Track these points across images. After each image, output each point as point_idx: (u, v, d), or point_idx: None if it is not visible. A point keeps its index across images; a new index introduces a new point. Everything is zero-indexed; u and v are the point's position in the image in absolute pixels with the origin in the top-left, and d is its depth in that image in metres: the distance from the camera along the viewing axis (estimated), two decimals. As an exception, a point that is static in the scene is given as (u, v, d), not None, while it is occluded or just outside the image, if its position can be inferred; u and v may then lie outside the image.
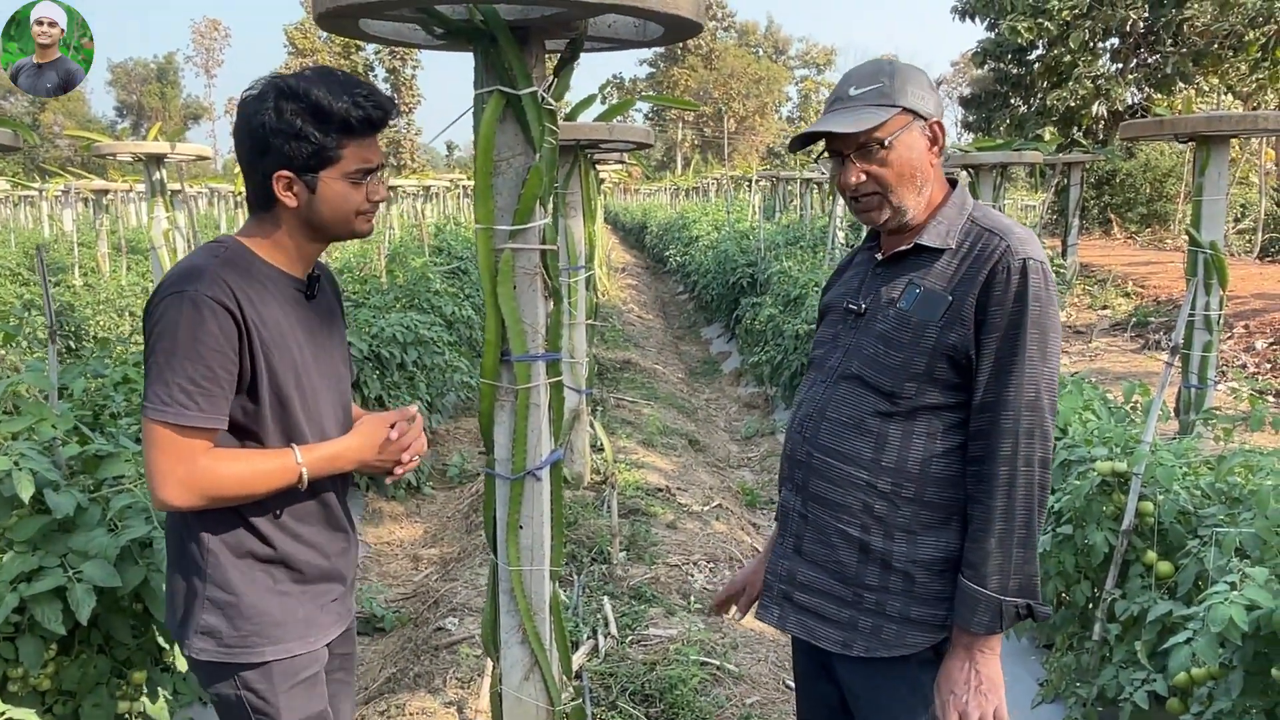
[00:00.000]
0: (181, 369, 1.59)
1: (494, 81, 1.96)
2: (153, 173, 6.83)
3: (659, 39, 2.09)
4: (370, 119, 1.70)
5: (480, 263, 2.05)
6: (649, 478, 5.58)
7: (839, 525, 1.79)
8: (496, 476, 2.17)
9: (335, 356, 1.88)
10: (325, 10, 1.78)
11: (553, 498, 2.22)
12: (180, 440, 1.61)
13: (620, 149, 5.62)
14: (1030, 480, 1.67)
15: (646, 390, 8.17)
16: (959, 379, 1.72)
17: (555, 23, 1.94)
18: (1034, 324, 1.66)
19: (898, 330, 1.75)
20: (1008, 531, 1.67)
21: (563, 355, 5.44)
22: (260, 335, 1.67)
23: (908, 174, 1.75)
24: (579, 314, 5.19)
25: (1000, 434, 1.67)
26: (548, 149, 2.00)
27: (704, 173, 28.68)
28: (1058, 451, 3.40)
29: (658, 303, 15.79)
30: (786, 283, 8.69)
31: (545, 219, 2.10)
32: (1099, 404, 3.82)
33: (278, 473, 1.69)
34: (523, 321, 2.07)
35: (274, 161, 1.67)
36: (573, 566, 4.25)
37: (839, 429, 1.80)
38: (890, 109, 1.72)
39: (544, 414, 2.15)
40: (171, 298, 1.61)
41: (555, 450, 2.22)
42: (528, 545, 2.17)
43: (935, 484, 1.74)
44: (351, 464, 1.80)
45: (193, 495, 1.63)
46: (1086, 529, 2.99)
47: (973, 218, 1.78)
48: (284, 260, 1.76)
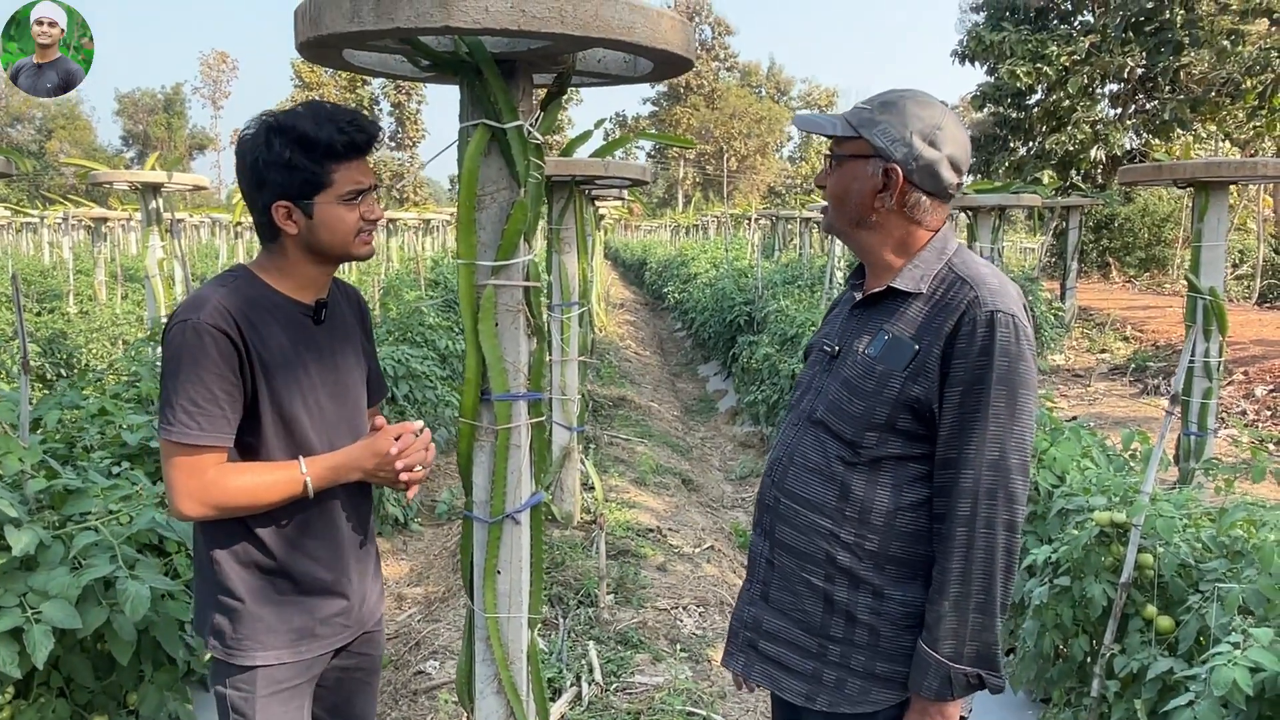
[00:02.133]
0: (184, 391, 1.71)
1: (479, 114, 1.92)
2: (149, 201, 6.81)
3: (649, 74, 2.05)
4: (354, 143, 1.80)
5: (461, 299, 2.00)
6: (640, 518, 5.49)
7: (803, 574, 1.74)
8: (474, 519, 2.10)
9: (348, 376, 1.96)
10: (306, 40, 1.75)
11: (533, 542, 2.15)
12: (189, 457, 1.73)
13: (617, 185, 5.60)
14: (991, 544, 1.60)
15: (641, 428, 8.09)
16: (924, 430, 1.66)
17: (542, 56, 1.90)
18: (1000, 380, 1.59)
19: (862, 378, 1.69)
20: (964, 596, 1.60)
21: (555, 393, 5.37)
22: (262, 358, 1.77)
23: (839, 198, 1.74)
24: (572, 350, 5.14)
25: (960, 493, 1.60)
26: (533, 184, 1.96)
27: (704, 210, 28.82)
28: (1055, 500, 3.33)
29: (655, 339, 15.75)
30: (783, 322, 8.65)
31: (530, 255, 2.05)
32: (1097, 451, 3.76)
33: (284, 483, 1.79)
34: (504, 360, 2.02)
35: (271, 193, 1.79)
36: (558, 609, 4.15)
37: (805, 475, 1.75)
38: (851, 130, 1.71)
39: (525, 455, 2.09)
40: (178, 326, 1.73)
41: (536, 493, 2.15)
42: (505, 591, 2.09)
43: (901, 538, 1.68)
44: (354, 473, 1.87)
45: (204, 507, 1.74)
46: (1084, 581, 2.91)
47: (951, 264, 1.70)
48: (291, 286, 1.87)
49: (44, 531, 2.26)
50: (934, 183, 1.69)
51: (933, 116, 1.69)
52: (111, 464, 2.79)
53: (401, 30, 1.65)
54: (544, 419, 2.17)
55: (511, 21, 1.60)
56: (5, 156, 3.75)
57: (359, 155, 1.82)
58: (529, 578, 2.16)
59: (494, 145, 1.94)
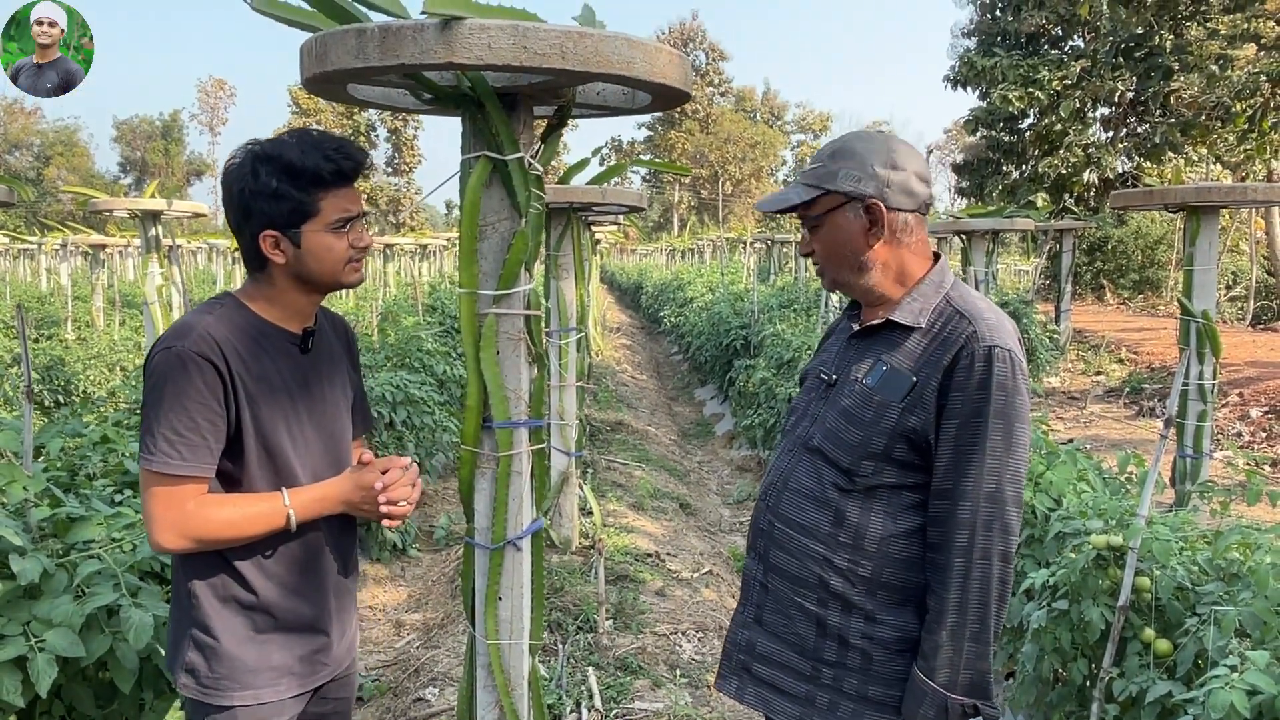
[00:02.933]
0: (166, 420, 1.68)
1: (481, 147, 1.95)
2: (148, 229, 6.84)
3: (648, 106, 2.09)
4: (341, 170, 1.78)
5: (463, 327, 2.02)
6: (638, 542, 5.49)
7: (796, 598, 1.77)
8: (475, 546, 2.11)
9: (334, 408, 1.94)
10: (312, 75, 1.78)
11: (534, 569, 2.17)
12: (169, 487, 1.69)
13: (614, 211, 5.64)
14: (987, 574, 1.63)
15: (638, 452, 8.10)
16: (919, 460, 1.69)
17: (543, 90, 1.93)
18: (998, 414, 1.63)
19: (860, 408, 1.73)
20: (959, 625, 1.63)
21: (553, 418, 5.39)
22: (247, 389, 1.74)
23: (835, 254, 1.77)
24: (570, 376, 5.16)
25: (957, 524, 1.64)
26: (534, 214, 1.99)
27: (700, 234, 28.92)
28: (1052, 523, 3.34)
29: (652, 363, 15.78)
30: (779, 345, 8.68)
31: (530, 284, 2.08)
32: (1093, 474, 3.78)
33: (266, 515, 1.76)
34: (505, 387, 2.04)
35: (258, 223, 1.77)
36: (557, 635, 4.15)
37: (799, 500, 1.78)
38: (817, 189, 1.75)
39: (526, 482, 2.11)
40: (162, 354, 1.70)
41: (537, 519, 2.16)
42: (506, 618, 2.10)
43: (894, 564, 1.71)
44: (337, 505, 1.84)
45: (184, 539, 1.71)
46: (1083, 604, 2.92)
47: (948, 297, 1.75)
48: (278, 315, 1.84)
49: (48, 560, 2.27)
50: (911, 199, 1.75)
51: (882, 144, 1.76)
52: (114, 492, 2.80)
53: (406, 66, 1.68)
54: (545, 446, 2.19)
55: (514, 57, 1.64)
56: (7, 185, 3.78)
57: (346, 183, 1.81)
58: (530, 604, 2.17)
59: (495, 177, 1.98)
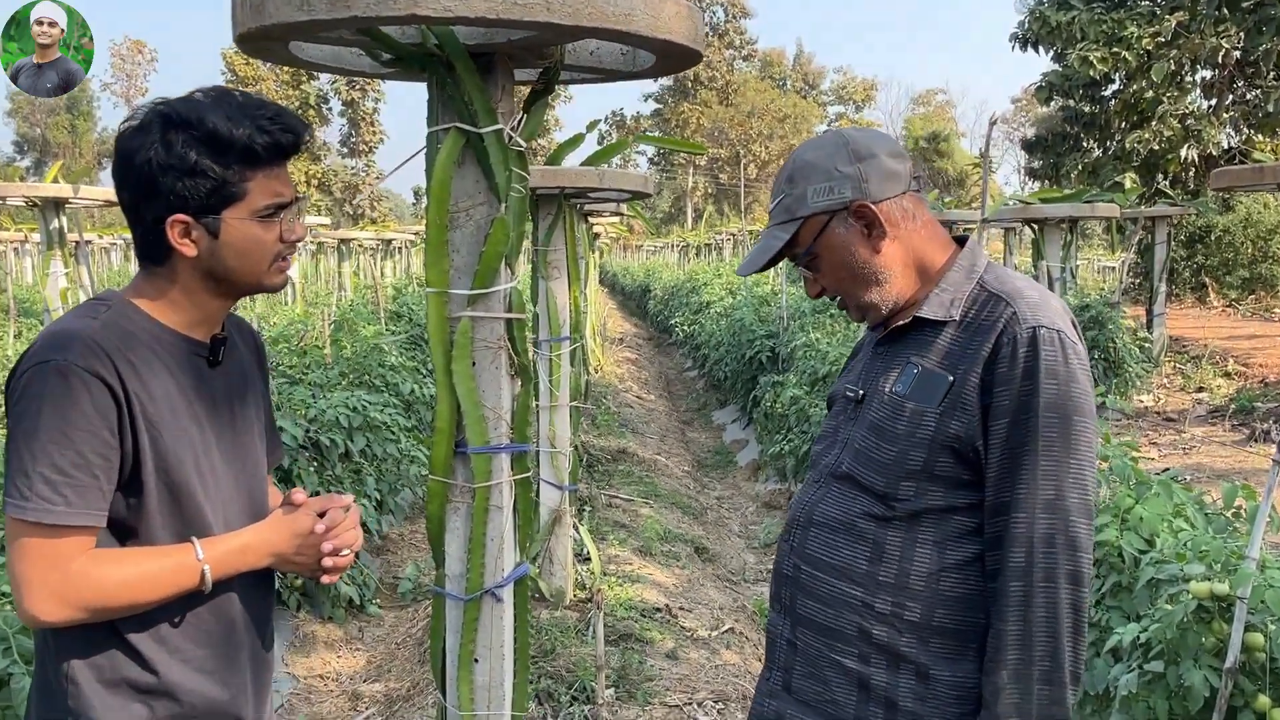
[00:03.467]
0: (46, 455, 1.57)
1: (451, 117, 1.97)
2: (50, 220, 6.90)
3: (650, 69, 2.11)
4: (279, 144, 1.70)
5: (431, 334, 2.04)
6: (645, 594, 5.50)
7: (832, 655, 1.76)
8: (447, 596, 2.13)
9: (247, 434, 1.86)
10: (247, 30, 1.81)
11: (517, 625, 2.18)
12: (49, 542, 1.58)
13: (614, 199, 5.67)
14: (1053, 599, 1.63)
15: (645, 486, 8.11)
16: (969, 475, 1.70)
17: (525, 49, 1.96)
18: (1049, 406, 1.63)
19: (891, 419, 1.74)
20: (1024, 663, 1.63)
21: (542, 445, 5.40)
22: (145, 412, 1.65)
23: (847, 276, 1.81)
24: (562, 395, 5.18)
25: (1013, 542, 1.64)
26: (515, 198, 2.01)
27: (718, 227, 29.02)
28: (1143, 568, 3.34)
29: (661, 380, 15.80)
30: (813, 358, 8.69)
31: (512, 281, 2.10)
32: (1193, 509, 3.77)
33: (173, 573, 1.66)
34: (483, 405, 2.06)
35: (166, 204, 1.67)
36: (547, 707, 4.15)
37: (828, 536, 1.78)
38: (793, 223, 1.79)
39: (508, 519, 2.12)
40: (35, 370, 1.60)
41: (521, 564, 2.18)
42: (484, 684, 2.11)
43: (947, 604, 1.71)
44: (264, 558, 1.76)
45: (69, 607, 1.59)
46: (1181, 666, 2.92)
47: (982, 281, 1.78)
48: (181, 321, 1.75)
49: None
50: (896, 182, 1.79)
51: (835, 141, 1.81)
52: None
53: (360, 19, 1.71)
54: (530, 475, 2.20)
55: (489, 9, 1.66)
56: None
57: (282, 159, 1.73)
58: (512, 667, 2.18)
59: (469, 153, 2.00)
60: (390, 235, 21.61)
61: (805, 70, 74.72)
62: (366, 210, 55.27)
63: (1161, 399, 11.94)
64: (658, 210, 64.26)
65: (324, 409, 5.97)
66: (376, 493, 6.33)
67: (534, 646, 4.57)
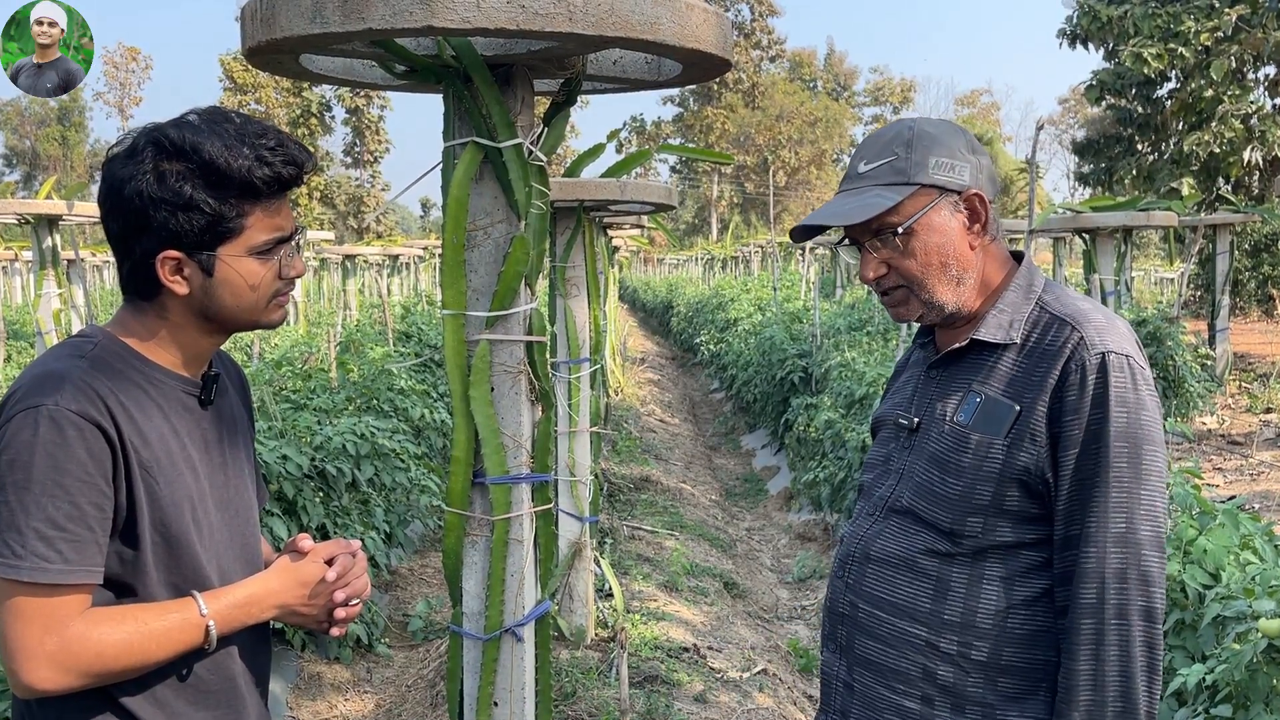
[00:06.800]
0: (40, 509, 1.54)
1: (468, 131, 2.00)
2: (43, 238, 6.98)
3: (676, 78, 2.14)
4: (280, 177, 1.68)
5: (448, 358, 2.06)
6: (672, 633, 5.50)
7: (893, 697, 1.78)
8: (465, 635, 2.14)
9: (238, 477, 1.85)
10: (257, 44, 1.84)
11: (539, 665, 2.19)
12: (45, 602, 1.54)
13: (635, 211, 5.69)
14: (1125, 637, 1.64)
15: (670, 516, 8.11)
16: (1039, 509, 1.72)
17: (545, 59, 1.99)
18: (1120, 435, 1.66)
19: (956, 452, 1.75)
20: (1097, 705, 1.64)
21: (561, 473, 5.42)
22: (141, 458, 1.63)
23: (936, 264, 1.78)
24: (581, 420, 5.20)
25: (1083, 577, 1.66)
26: (535, 215, 2.04)
27: (745, 238, 29.03)
28: (1208, 605, 3.33)
29: (686, 403, 15.80)
30: (849, 379, 8.68)
31: (533, 303, 2.13)
32: (1261, 541, 3.76)
33: (177, 631, 1.63)
34: (502, 433, 2.08)
35: (157, 239, 1.64)
36: (569, 754, 4.16)
37: (888, 573, 1.80)
38: (905, 188, 1.76)
39: (528, 554, 2.14)
40: (23, 415, 1.57)
41: (542, 602, 2.19)
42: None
43: (1015, 643, 1.72)
44: (270, 610, 1.74)
45: (68, 674, 1.56)
46: (1251, 710, 2.90)
47: (1042, 302, 1.79)
48: (171, 359, 1.73)
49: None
50: (994, 187, 1.82)
51: (951, 125, 1.84)
52: None
53: (375, 31, 1.74)
54: (551, 507, 2.22)
55: (509, 20, 1.69)
56: None
57: (282, 192, 1.70)
58: (534, 711, 2.19)
59: (487, 168, 2.03)
60: (397, 250, 21.69)
61: (837, 71, 74.79)
62: (372, 225, 55.58)
63: (1226, 421, 11.85)
64: (681, 221, 64.34)
65: (330, 436, 6.01)
66: (385, 524, 6.35)
67: (554, 688, 4.58)
